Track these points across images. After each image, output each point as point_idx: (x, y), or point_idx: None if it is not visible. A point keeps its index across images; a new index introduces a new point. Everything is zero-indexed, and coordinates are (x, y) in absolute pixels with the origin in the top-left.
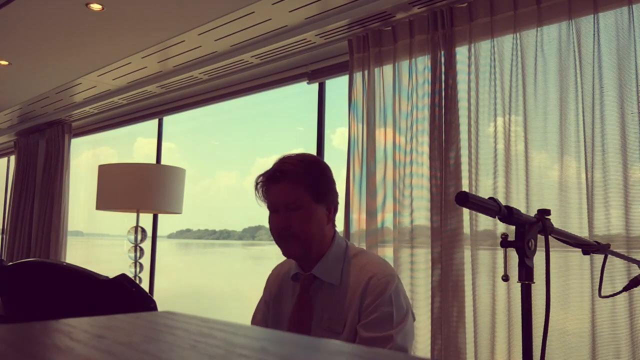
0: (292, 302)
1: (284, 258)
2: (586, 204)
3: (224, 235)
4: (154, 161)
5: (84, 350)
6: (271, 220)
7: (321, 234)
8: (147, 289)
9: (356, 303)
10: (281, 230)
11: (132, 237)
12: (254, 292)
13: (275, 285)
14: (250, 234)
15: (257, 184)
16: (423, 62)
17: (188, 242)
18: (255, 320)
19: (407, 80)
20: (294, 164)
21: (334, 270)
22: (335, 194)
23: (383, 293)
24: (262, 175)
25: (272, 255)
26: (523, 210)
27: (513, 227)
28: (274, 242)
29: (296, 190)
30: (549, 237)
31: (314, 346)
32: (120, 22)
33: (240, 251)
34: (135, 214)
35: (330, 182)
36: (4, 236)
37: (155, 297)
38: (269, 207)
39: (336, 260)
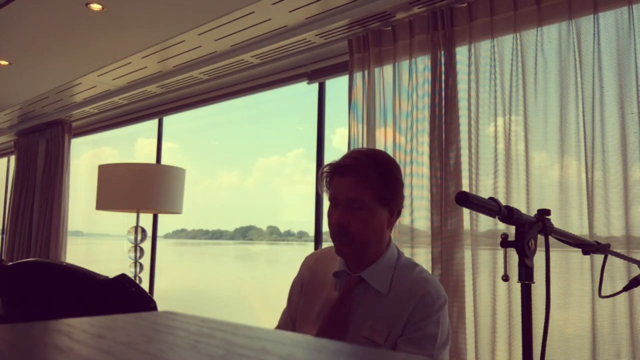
0: (329, 299)
1: (278, 258)
2: (586, 204)
3: (217, 235)
4: (154, 161)
5: (84, 350)
6: (330, 213)
7: (378, 239)
8: (147, 289)
9: (403, 317)
10: (338, 226)
11: (132, 237)
12: (250, 291)
13: (312, 272)
14: (241, 234)
15: (322, 173)
16: (423, 62)
17: (183, 241)
18: (290, 303)
19: (407, 80)
20: (364, 160)
21: (384, 278)
22: (402, 198)
23: (433, 313)
24: (329, 165)
25: (262, 255)
26: (523, 210)
27: (513, 227)
28: (265, 242)
29: (361, 188)
30: (549, 237)
31: (314, 346)
32: (120, 22)
33: (232, 252)
34: (135, 214)
35: (399, 185)
36: (4, 236)
37: (155, 297)
38: (330, 199)
39: (388, 267)
